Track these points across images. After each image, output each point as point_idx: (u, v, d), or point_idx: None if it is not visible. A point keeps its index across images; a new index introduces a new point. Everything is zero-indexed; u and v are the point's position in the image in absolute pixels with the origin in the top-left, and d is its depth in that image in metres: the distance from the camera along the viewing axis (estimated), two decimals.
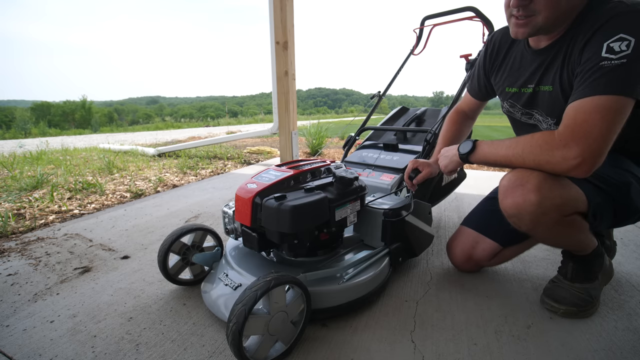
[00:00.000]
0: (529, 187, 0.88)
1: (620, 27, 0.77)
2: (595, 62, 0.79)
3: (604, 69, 0.77)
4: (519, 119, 1.15)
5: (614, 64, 0.76)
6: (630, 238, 1.67)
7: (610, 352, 0.92)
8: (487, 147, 0.97)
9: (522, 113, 1.12)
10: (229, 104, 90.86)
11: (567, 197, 0.90)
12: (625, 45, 0.75)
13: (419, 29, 1.91)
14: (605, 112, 0.76)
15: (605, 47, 0.78)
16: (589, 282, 1.09)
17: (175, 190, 2.73)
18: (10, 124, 24.63)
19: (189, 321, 1.06)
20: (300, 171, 1.07)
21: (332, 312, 1.02)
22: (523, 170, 0.92)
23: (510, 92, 1.12)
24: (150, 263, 1.44)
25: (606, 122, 0.76)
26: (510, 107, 1.15)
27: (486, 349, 0.93)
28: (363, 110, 2.14)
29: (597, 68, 0.79)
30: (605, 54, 0.78)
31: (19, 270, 1.38)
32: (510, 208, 0.94)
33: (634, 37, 0.75)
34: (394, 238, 1.20)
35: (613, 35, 0.77)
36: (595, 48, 0.81)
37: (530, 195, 0.88)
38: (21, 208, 2.17)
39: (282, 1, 3.14)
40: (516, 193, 0.91)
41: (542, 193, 0.87)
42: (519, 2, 0.86)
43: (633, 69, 0.75)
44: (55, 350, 0.94)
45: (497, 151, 0.94)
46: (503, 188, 0.96)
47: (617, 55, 0.76)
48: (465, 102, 1.38)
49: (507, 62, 1.12)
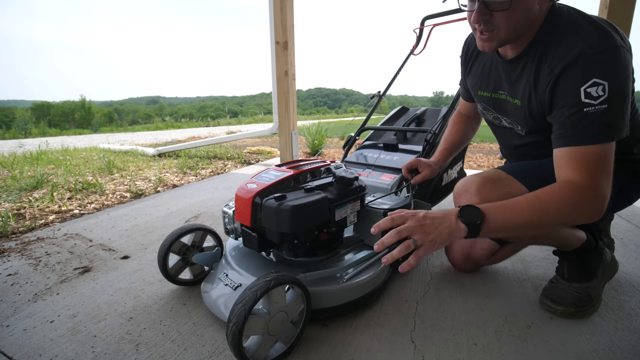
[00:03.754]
0: (471, 192, 0.99)
1: (590, 71, 0.80)
2: (578, 108, 0.82)
3: (590, 115, 0.80)
4: (491, 121, 1.19)
5: (599, 109, 0.79)
6: (630, 238, 1.67)
7: (610, 352, 0.92)
8: (501, 213, 0.82)
9: (493, 117, 1.15)
10: (229, 104, 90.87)
11: (508, 195, 0.90)
12: (601, 89, 0.79)
13: (419, 29, 1.91)
14: (606, 159, 0.82)
15: (583, 93, 0.81)
16: (587, 281, 1.09)
17: (175, 190, 2.73)
18: (10, 124, 24.64)
19: (189, 321, 1.06)
20: (300, 171, 1.07)
21: (332, 312, 1.02)
22: (467, 177, 1.04)
23: (482, 96, 1.14)
24: (150, 263, 1.44)
25: (609, 167, 0.82)
26: (483, 109, 1.18)
27: (486, 349, 0.93)
28: (363, 110, 2.14)
29: (583, 114, 0.81)
30: (585, 100, 0.80)
31: (19, 270, 1.38)
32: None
33: (606, 81, 0.78)
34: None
35: (586, 80, 0.80)
36: (571, 92, 0.83)
37: (473, 198, 0.98)
38: (21, 208, 2.17)
39: (282, 1, 3.14)
40: (462, 198, 1.02)
41: (482, 195, 0.97)
42: (479, 18, 0.87)
43: (614, 112, 0.80)
44: (55, 350, 0.94)
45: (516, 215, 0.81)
46: (454, 195, 1.07)
47: (597, 100, 0.79)
48: (462, 106, 1.39)
49: (479, 66, 1.13)
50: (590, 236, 1.13)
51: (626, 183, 1.02)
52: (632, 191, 1.05)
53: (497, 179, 1.00)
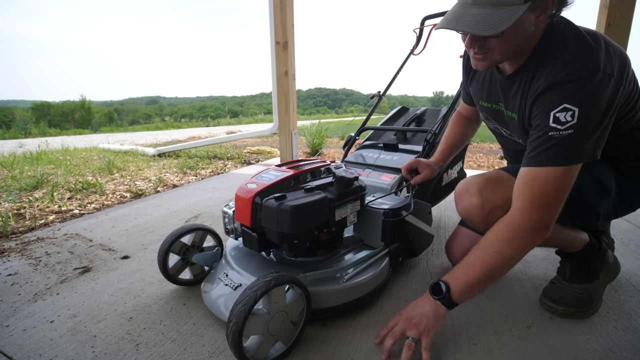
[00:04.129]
0: (473, 192, 1.00)
1: (562, 96, 0.80)
2: (545, 131, 0.82)
3: (553, 139, 0.81)
4: (493, 129, 1.19)
5: (562, 135, 0.80)
6: (630, 238, 1.67)
7: (610, 352, 0.92)
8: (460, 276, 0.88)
9: (494, 127, 1.16)
10: (229, 104, 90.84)
11: (509, 197, 0.92)
12: (570, 115, 0.78)
13: (418, 29, 1.91)
14: (558, 183, 0.82)
15: (552, 117, 0.81)
16: (589, 282, 1.09)
17: (175, 190, 2.73)
18: (11, 124, 24.62)
19: (189, 321, 1.06)
20: (300, 171, 1.07)
21: (332, 312, 1.02)
22: (469, 177, 1.06)
23: (483, 106, 1.14)
24: (150, 263, 1.44)
25: (559, 190, 0.83)
26: (485, 118, 1.19)
27: (486, 349, 0.93)
28: (363, 110, 2.14)
29: (546, 138, 0.82)
30: (552, 124, 0.81)
31: (19, 270, 1.38)
32: (462, 212, 1.06)
33: (577, 107, 0.78)
34: (394, 238, 1.20)
35: (558, 105, 0.80)
36: (543, 114, 0.83)
37: (474, 199, 0.99)
38: (21, 208, 2.17)
39: (282, 1, 3.14)
40: (463, 198, 1.03)
41: (484, 196, 0.98)
42: (473, 44, 0.87)
43: (579, 138, 0.79)
44: (55, 350, 0.94)
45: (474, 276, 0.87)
46: (455, 195, 1.08)
47: (563, 126, 0.79)
48: (462, 106, 1.39)
49: (480, 75, 1.13)
50: (594, 238, 1.13)
51: (630, 190, 1.01)
52: (635, 199, 1.04)
53: (499, 180, 1.00)
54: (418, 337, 0.87)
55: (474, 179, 1.03)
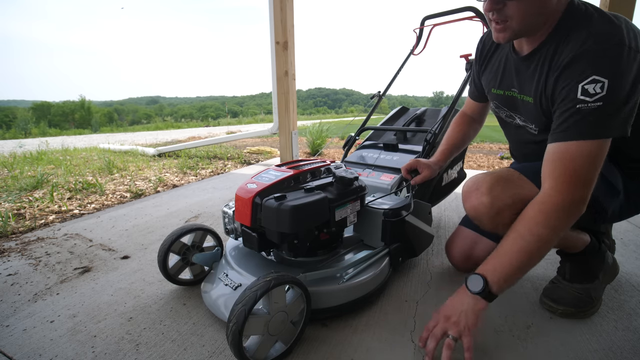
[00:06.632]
0: (482, 190, 0.96)
1: (592, 68, 0.78)
2: (573, 104, 0.81)
3: (581, 112, 0.79)
4: (504, 119, 1.17)
5: (591, 107, 0.78)
6: (630, 238, 1.67)
7: (610, 352, 0.92)
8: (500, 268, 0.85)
9: (506, 115, 1.14)
10: (229, 104, 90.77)
11: (520, 197, 0.92)
12: (599, 87, 0.77)
13: (419, 29, 1.91)
14: (589, 157, 0.81)
15: (580, 89, 0.79)
16: (589, 282, 1.09)
17: (175, 190, 2.73)
18: (11, 124, 24.60)
19: (189, 321, 1.06)
20: (300, 171, 1.07)
21: (332, 312, 1.02)
22: (478, 175, 1.02)
23: (496, 94, 1.13)
24: (150, 263, 1.44)
25: (592, 164, 0.81)
26: (496, 107, 1.17)
27: (486, 349, 0.93)
28: (363, 110, 2.14)
29: (574, 111, 0.80)
30: (580, 96, 0.79)
31: (19, 270, 1.38)
32: (469, 211, 1.02)
33: (607, 78, 0.76)
34: (394, 238, 1.20)
35: (586, 76, 0.78)
36: (570, 87, 0.82)
37: (483, 197, 0.96)
38: (21, 208, 2.17)
39: (282, 1, 3.14)
40: (472, 197, 1.00)
41: (494, 194, 0.94)
42: (492, 7, 0.86)
43: (609, 111, 0.78)
44: (55, 350, 0.94)
45: (512, 264, 0.85)
46: (463, 193, 1.04)
47: (592, 98, 0.78)
48: (468, 105, 1.38)
49: (494, 63, 1.13)
50: (594, 239, 1.13)
51: (635, 191, 1.00)
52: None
53: (510, 178, 0.98)
54: (458, 336, 0.84)
55: (484, 177, 0.99)
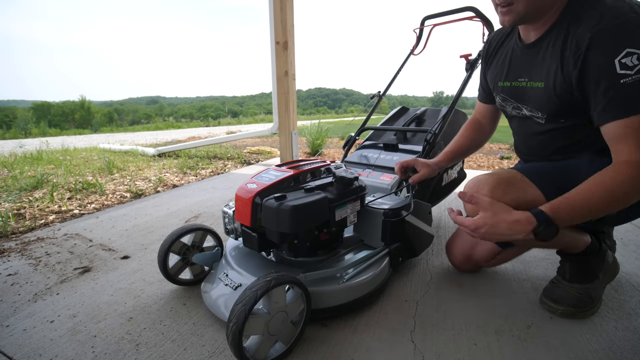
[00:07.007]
0: (484, 192, 0.94)
1: (621, 42, 0.78)
2: (615, 79, 0.80)
3: (627, 85, 0.79)
4: (510, 113, 1.16)
5: (635, 78, 0.78)
6: (630, 238, 1.67)
7: (610, 352, 0.92)
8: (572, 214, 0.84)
9: (513, 107, 1.12)
10: (229, 104, 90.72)
11: (522, 200, 0.92)
12: (636, 58, 0.77)
13: (419, 29, 1.91)
14: None
15: (617, 64, 0.79)
16: (589, 282, 1.09)
17: (175, 190, 2.73)
18: (11, 124, 24.60)
19: (189, 321, 1.06)
20: (300, 171, 1.07)
21: (332, 312, 1.02)
22: (479, 176, 1.00)
23: (502, 87, 1.12)
24: (150, 263, 1.44)
25: None
26: (502, 100, 1.15)
27: (486, 349, 0.93)
28: (363, 110, 2.14)
29: (620, 85, 0.80)
30: (621, 71, 0.79)
31: (19, 270, 1.38)
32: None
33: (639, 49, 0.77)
34: (394, 238, 1.20)
35: (619, 51, 0.79)
36: (604, 65, 0.81)
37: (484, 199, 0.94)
38: (21, 208, 2.17)
39: (282, 1, 3.14)
40: None
41: (495, 197, 0.92)
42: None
43: None
44: (55, 350, 0.94)
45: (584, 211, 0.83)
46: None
47: (633, 70, 0.78)
48: (478, 110, 1.36)
49: (499, 58, 1.13)
50: (595, 239, 1.13)
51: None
52: None
53: (512, 181, 0.97)
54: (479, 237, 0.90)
55: (486, 178, 0.98)
